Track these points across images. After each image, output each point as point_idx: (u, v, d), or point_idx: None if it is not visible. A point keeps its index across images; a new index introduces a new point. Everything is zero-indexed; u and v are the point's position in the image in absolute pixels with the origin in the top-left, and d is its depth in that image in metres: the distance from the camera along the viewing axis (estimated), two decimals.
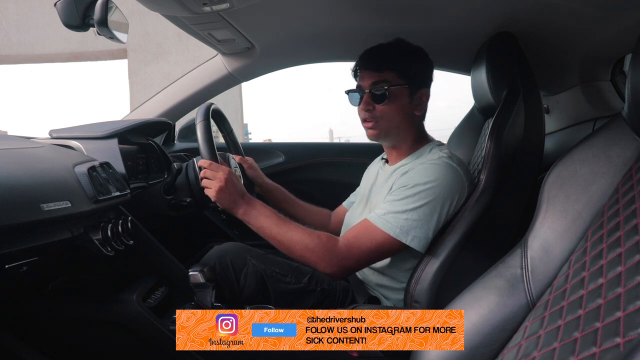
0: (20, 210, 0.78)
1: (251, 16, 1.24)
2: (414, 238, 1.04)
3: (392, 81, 1.14)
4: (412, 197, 1.05)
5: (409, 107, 1.17)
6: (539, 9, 1.14)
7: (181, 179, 1.39)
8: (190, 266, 1.08)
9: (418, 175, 1.08)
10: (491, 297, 0.68)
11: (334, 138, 12.02)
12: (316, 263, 1.08)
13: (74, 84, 43.38)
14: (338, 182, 1.93)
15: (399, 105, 1.15)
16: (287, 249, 1.10)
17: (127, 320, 1.06)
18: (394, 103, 1.15)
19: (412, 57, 1.18)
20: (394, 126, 1.17)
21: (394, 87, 1.14)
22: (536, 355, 0.54)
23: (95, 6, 1.09)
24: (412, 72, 1.16)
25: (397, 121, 1.17)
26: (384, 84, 1.14)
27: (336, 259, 1.07)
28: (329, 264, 1.07)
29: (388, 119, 1.16)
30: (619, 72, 1.49)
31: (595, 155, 0.66)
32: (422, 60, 1.20)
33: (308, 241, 1.08)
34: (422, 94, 1.19)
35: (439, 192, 1.05)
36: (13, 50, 6.47)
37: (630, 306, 0.45)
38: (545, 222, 0.67)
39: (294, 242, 1.09)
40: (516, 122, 1.13)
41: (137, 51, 6.30)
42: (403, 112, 1.16)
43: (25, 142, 1.16)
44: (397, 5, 1.23)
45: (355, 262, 1.09)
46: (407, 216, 1.04)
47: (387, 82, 1.14)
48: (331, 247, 1.07)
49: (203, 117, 1.26)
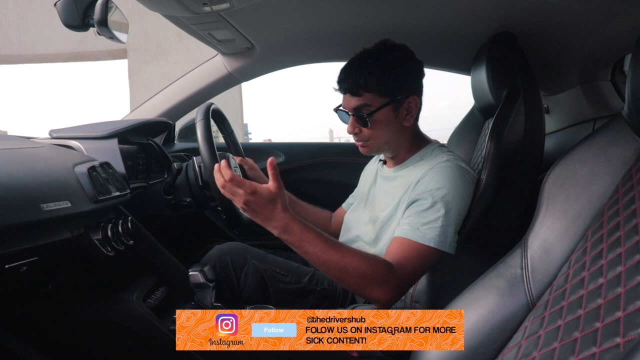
0: (20, 210, 0.78)
1: (251, 16, 1.24)
2: (451, 244, 1.01)
3: (372, 104, 1.08)
4: (437, 205, 1.02)
5: (396, 122, 1.12)
6: (539, 9, 1.14)
7: (181, 179, 1.39)
8: (190, 266, 1.08)
9: (434, 181, 1.04)
10: (491, 297, 0.68)
11: (334, 138, 12.01)
12: (371, 290, 0.96)
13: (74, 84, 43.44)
14: (338, 182, 1.93)
15: (385, 124, 1.11)
16: (338, 277, 0.97)
17: (127, 320, 1.06)
18: (378, 125, 1.10)
19: (393, 69, 1.08)
20: (384, 143, 1.14)
21: (376, 111, 1.09)
22: (536, 355, 0.54)
23: (95, 6, 1.09)
24: (394, 86, 1.09)
25: (386, 138, 1.13)
26: (365, 109, 1.09)
27: (394, 283, 0.97)
28: (387, 290, 0.96)
29: (376, 139, 1.12)
30: (619, 72, 1.49)
31: (595, 155, 0.66)
32: (407, 67, 1.11)
33: (365, 267, 0.95)
34: (409, 104, 1.11)
35: (456, 194, 1.03)
36: (13, 50, 6.48)
37: (630, 306, 0.45)
38: (545, 222, 0.67)
39: (348, 269, 0.95)
40: (516, 122, 1.13)
41: (137, 51, 6.31)
42: (391, 129, 1.12)
43: (25, 142, 1.16)
44: (397, 5, 1.23)
45: (410, 284, 1.02)
46: (439, 224, 1.01)
47: (368, 105, 1.09)
48: (388, 272, 0.97)
49: (203, 116, 1.26)
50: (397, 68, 1.09)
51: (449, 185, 1.03)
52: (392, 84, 1.09)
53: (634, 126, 0.63)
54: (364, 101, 1.09)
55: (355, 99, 1.10)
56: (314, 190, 1.94)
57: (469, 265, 0.95)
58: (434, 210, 1.02)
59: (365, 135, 1.12)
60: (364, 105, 1.09)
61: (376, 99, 1.09)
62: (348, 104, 1.12)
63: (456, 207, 1.03)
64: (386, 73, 1.08)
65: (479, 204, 1.06)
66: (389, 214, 1.13)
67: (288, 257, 1.35)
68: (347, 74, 1.11)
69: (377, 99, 1.09)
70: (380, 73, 1.08)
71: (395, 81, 1.09)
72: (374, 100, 1.09)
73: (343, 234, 1.29)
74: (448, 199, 1.02)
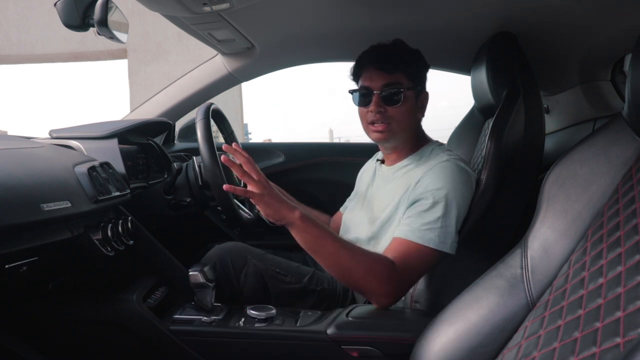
0: (20, 210, 0.78)
1: (251, 16, 1.24)
2: (451, 244, 1.01)
3: (403, 83, 1.12)
4: (437, 205, 1.02)
5: (415, 110, 1.16)
6: (539, 9, 1.14)
7: (181, 179, 1.39)
8: (190, 266, 1.08)
9: (434, 181, 1.04)
10: (491, 297, 0.68)
11: (334, 138, 12.02)
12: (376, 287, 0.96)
13: (74, 84, 43.41)
14: (338, 182, 1.93)
15: (409, 107, 1.13)
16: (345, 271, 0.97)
17: (127, 320, 1.06)
18: (406, 105, 1.12)
19: (417, 60, 1.16)
20: (403, 128, 1.14)
21: (406, 90, 1.12)
22: (536, 355, 0.54)
23: (95, 6, 1.09)
24: (418, 75, 1.16)
25: (407, 124, 1.15)
26: (397, 86, 1.11)
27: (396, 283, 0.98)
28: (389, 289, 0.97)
29: (400, 121, 1.13)
30: (619, 72, 1.49)
31: (595, 155, 0.66)
32: (422, 63, 1.18)
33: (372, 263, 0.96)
34: (424, 97, 1.19)
35: (457, 194, 1.03)
36: (13, 50, 6.47)
37: (630, 306, 0.45)
38: (545, 222, 0.67)
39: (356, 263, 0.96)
40: (516, 122, 1.13)
41: (137, 51, 6.30)
42: (411, 114, 1.15)
43: (25, 142, 1.16)
44: (397, 4, 1.23)
45: (410, 284, 1.03)
46: (439, 224, 1.01)
47: (399, 84, 1.11)
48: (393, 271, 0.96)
49: (203, 116, 1.26)
50: (421, 61, 1.17)
51: (449, 185, 1.03)
52: (419, 72, 1.16)
53: (634, 126, 0.63)
54: (395, 79, 1.12)
55: (387, 76, 1.12)
56: (314, 190, 1.93)
57: (469, 265, 0.95)
58: (434, 211, 1.02)
59: (390, 114, 1.12)
60: (396, 82, 1.12)
61: (405, 81, 1.12)
62: (376, 82, 1.12)
63: (456, 207, 1.03)
64: (416, 60, 1.16)
65: (479, 204, 1.06)
66: (388, 214, 1.13)
67: (288, 257, 1.35)
68: (384, 51, 1.14)
69: (406, 81, 1.13)
70: (412, 58, 1.15)
71: (420, 71, 1.17)
72: (404, 80, 1.12)
73: (342, 235, 1.29)
74: (448, 199, 1.02)
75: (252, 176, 0.95)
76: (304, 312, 1.08)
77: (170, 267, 1.21)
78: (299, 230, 0.96)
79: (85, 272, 1.19)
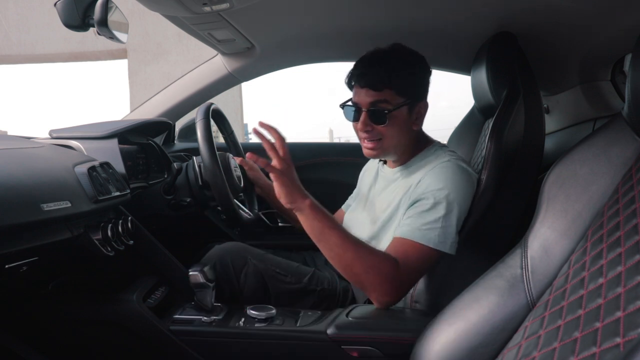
0: (20, 210, 0.78)
1: (251, 16, 1.24)
2: (451, 245, 1.01)
3: (391, 100, 1.07)
4: (438, 206, 1.01)
5: (408, 124, 1.11)
6: (539, 9, 1.14)
7: (181, 179, 1.39)
8: (190, 266, 1.08)
9: (435, 181, 1.04)
10: (491, 297, 0.68)
11: (334, 138, 11.99)
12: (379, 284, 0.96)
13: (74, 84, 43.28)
14: (338, 182, 1.93)
15: (399, 123, 1.09)
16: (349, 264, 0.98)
17: (127, 320, 1.06)
18: (394, 123, 1.08)
19: (411, 69, 1.09)
20: (394, 145, 1.12)
21: (394, 109, 1.07)
22: (536, 355, 0.54)
23: (95, 6, 1.09)
24: (411, 87, 1.09)
25: (398, 140, 1.11)
26: (383, 105, 1.06)
27: (397, 281, 0.97)
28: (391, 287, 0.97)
29: (388, 138, 1.10)
30: (619, 72, 1.49)
31: (595, 155, 0.66)
32: (421, 71, 1.12)
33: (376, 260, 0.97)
34: (420, 108, 1.12)
35: (457, 194, 1.03)
36: (13, 50, 6.46)
37: (630, 306, 0.45)
38: (545, 222, 0.67)
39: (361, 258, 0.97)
40: (516, 122, 1.13)
41: (137, 51, 6.30)
42: (403, 130, 1.11)
43: (25, 142, 1.16)
44: (397, 5, 1.23)
45: (410, 284, 1.02)
46: (440, 224, 1.00)
47: (386, 102, 1.06)
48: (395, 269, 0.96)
49: (203, 116, 1.26)
50: (416, 70, 1.11)
51: (450, 185, 1.03)
52: (412, 84, 1.09)
53: (634, 126, 0.63)
54: (383, 97, 1.07)
55: (374, 94, 1.07)
56: (314, 190, 1.93)
57: (469, 265, 0.95)
58: (435, 211, 1.01)
59: (379, 133, 1.09)
60: (383, 100, 1.07)
61: (394, 97, 1.07)
62: (363, 99, 1.08)
63: (457, 207, 1.03)
64: (410, 70, 1.09)
65: (479, 204, 1.06)
66: (389, 214, 1.13)
67: (288, 257, 1.35)
68: (368, 67, 1.09)
69: (395, 97, 1.07)
70: (403, 72, 1.07)
71: (415, 82, 1.10)
72: (392, 97, 1.07)
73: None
74: (449, 199, 1.02)
75: (279, 152, 0.98)
76: (304, 312, 1.08)
77: (170, 267, 1.21)
78: (308, 217, 1.00)
79: (85, 272, 1.19)
